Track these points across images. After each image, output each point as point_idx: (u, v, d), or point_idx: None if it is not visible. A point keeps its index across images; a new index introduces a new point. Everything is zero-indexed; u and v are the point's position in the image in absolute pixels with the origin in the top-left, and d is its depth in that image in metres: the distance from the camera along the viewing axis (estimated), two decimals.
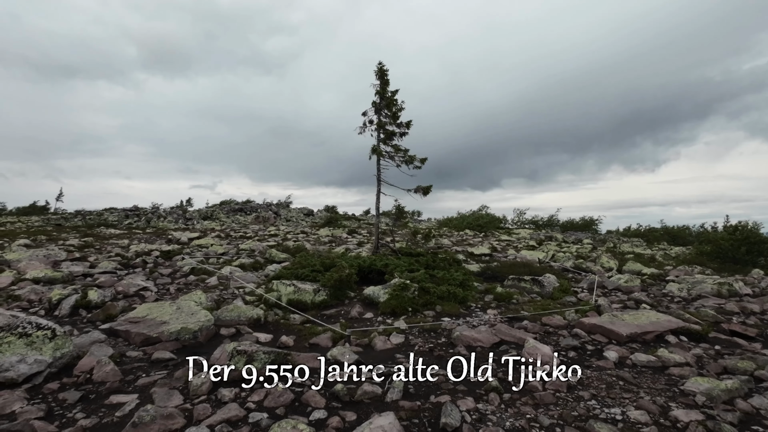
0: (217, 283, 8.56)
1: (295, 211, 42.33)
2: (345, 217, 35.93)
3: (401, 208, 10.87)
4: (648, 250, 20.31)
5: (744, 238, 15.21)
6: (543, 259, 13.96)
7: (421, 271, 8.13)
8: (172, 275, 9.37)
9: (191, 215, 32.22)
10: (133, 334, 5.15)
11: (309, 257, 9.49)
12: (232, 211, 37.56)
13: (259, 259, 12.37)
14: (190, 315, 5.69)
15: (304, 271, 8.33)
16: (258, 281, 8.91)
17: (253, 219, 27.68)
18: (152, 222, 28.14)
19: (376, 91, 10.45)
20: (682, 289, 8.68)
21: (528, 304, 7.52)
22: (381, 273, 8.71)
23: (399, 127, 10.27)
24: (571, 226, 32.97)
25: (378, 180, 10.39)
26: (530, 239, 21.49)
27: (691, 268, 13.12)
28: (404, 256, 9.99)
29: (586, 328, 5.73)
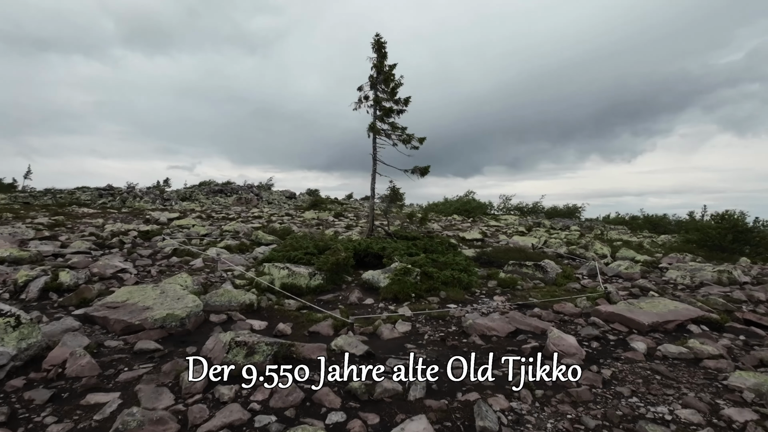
0: (203, 265, 7.97)
1: (276, 194, 41.39)
2: (329, 200, 35.25)
3: (396, 190, 10.39)
4: (634, 237, 20.43)
5: (731, 226, 15.33)
6: (536, 245, 13.75)
7: (422, 255, 7.71)
8: (152, 256, 8.71)
9: (169, 196, 31.01)
10: (111, 321, 4.58)
11: (301, 239, 8.96)
12: (211, 192, 36.41)
13: (245, 241, 11.77)
14: (176, 300, 5.13)
15: (297, 253, 7.81)
16: (247, 264, 8.35)
17: (235, 200, 26.77)
18: (128, 202, 26.94)
19: (372, 65, 9.83)
20: (685, 277, 8.53)
21: (533, 290, 7.20)
22: (378, 257, 8.27)
23: (397, 104, 9.72)
24: (556, 213, 33.13)
25: (374, 159, 9.86)
26: (519, 225, 21.37)
27: (682, 256, 13.11)
28: (400, 240, 9.55)
29: (603, 317, 5.42)
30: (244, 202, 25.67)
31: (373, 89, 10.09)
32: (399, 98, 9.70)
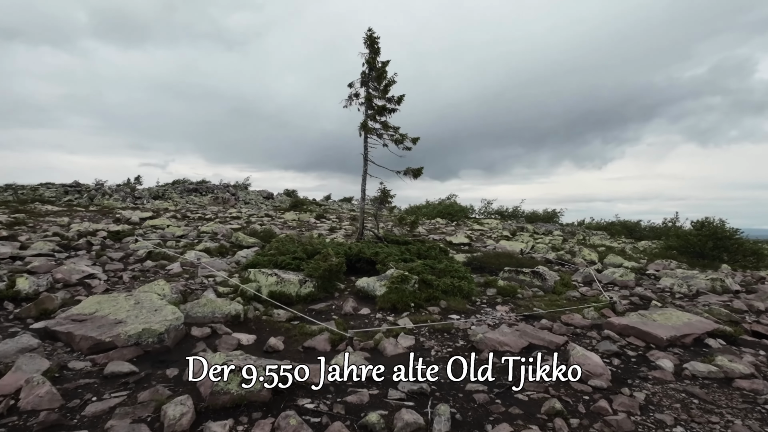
0: (181, 270, 7.32)
1: (253, 194, 40.35)
2: (309, 201, 34.55)
3: (387, 192, 9.96)
4: (615, 243, 20.61)
5: (711, 233, 15.54)
6: (524, 250, 13.56)
7: (418, 261, 7.30)
8: (124, 260, 7.99)
9: (140, 194, 29.67)
10: (77, 337, 3.98)
11: (288, 243, 8.42)
12: (186, 190, 35.10)
13: (225, 243, 11.10)
14: (152, 311, 4.55)
15: (285, 258, 7.27)
16: (230, 269, 7.74)
17: (211, 200, 25.78)
18: (96, 199, 25.58)
19: (364, 61, 9.39)
20: (681, 285, 8.40)
21: (535, 299, 6.90)
22: (370, 262, 7.81)
23: (389, 102, 9.30)
24: (535, 218, 33.38)
25: (365, 159, 9.40)
26: (502, 229, 21.27)
27: (668, 262, 13.15)
28: (392, 244, 9.12)
29: (617, 330, 5.13)
30: (221, 202, 24.75)
31: (364, 86, 9.65)
32: (392, 96, 9.29)
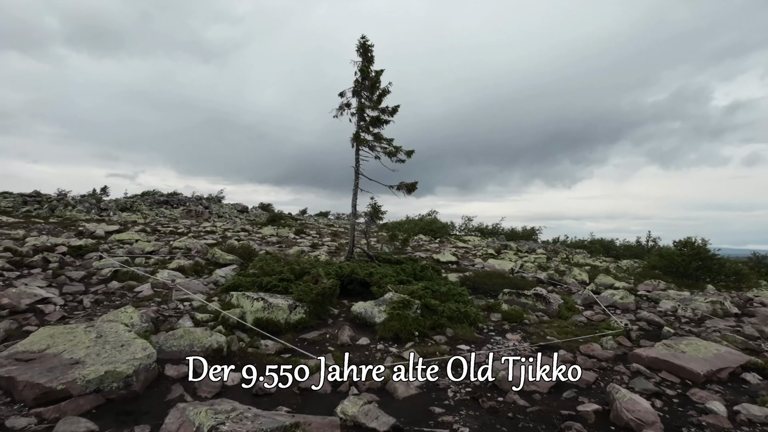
0: (152, 293, 6.49)
1: (227, 207, 39.08)
2: (288, 216, 33.60)
3: (378, 207, 9.40)
4: (597, 261, 20.62)
5: (695, 254, 15.61)
6: (514, 269, 13.19)
7: (419, 284, 6.72)
8: (85, 280, 7.09)
9: (107, 205, 28.09)
10: (20, 384, 3.19)
11: (272, 262, 7.70)
12: (156, 203, 33.57)
13: (200, 260, 10.24)
14: (118, 347, 3.80)
15: (271, 280, 6.57)
16: (207, 291, 6.96)
17: (184, 213, 24.56)
18: (57, 211, 23.97)
19: (358, 69, 8.89)
20: (685, 308, 8.12)
21: (543, 325, 6.41)
22: (364, 284, 7.19)
23: (383, 113, 8.81)
24: (514, 235, 33.42)
25: (356, 172, 8.83)
26: (486, 247, 20.97)
27: (656, 282, 13.02)
28: (384, 264, 8.53)
29: (646, 363, 4.67)
30: (195, 215, 23.59)
31: (356, 96, 9.14)
32: (386, 107, 8.81)
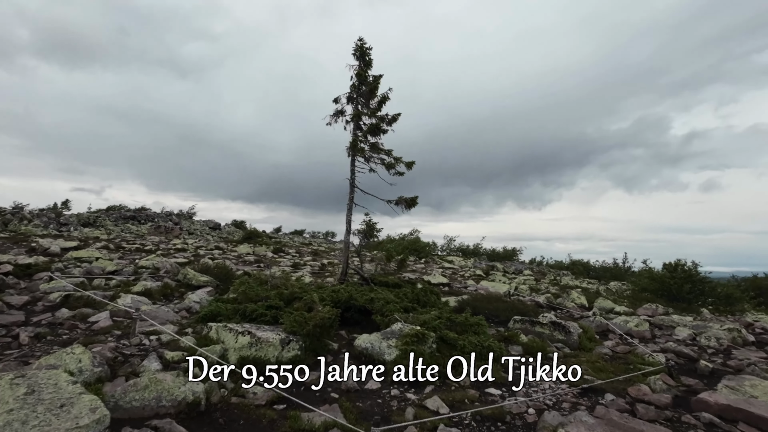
0: (111, 323, 5.36)
1: (199, 224, 37.32)
2: (264, 234, 32.23)
3: (373, 225, 8.54)
4: (584, 283, 20.24)
5: (687, 276, 15.35)
6: (509, 292, 12.48)
7: (431, 311, 5.83)
8: (29, 307, 5.89)
9: (67, 220, 26.11)
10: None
11: (255, 285, 6.67)
12: (122, 218, 31.60)
13: (169, 281, 9.08)
14: (56, 409, 2.76)
15: (257, 308, 5.57)
16: (179, 320, 5.87)
17: (152, 229, 22.95)
18: (11, 225, 21.97)
19: (354, 73, 8.12)
20: (710, 338, 7.51)
21: (570, 359, 5.63)
22: (364, 311, 6.26)
23: (382, 121, 8.03)
24: (495, 256, 33.02)
25: (351, 185, 7.96)
26: (473, 267, 20.30)
27: (654, 306, 12.55)
28: (381, 287, 7.63)
29: (715, 411, 3.92)
30: (164, 232, 22.06)
31: (351, 102, 8.36)
32: (385, 114, 8.05)
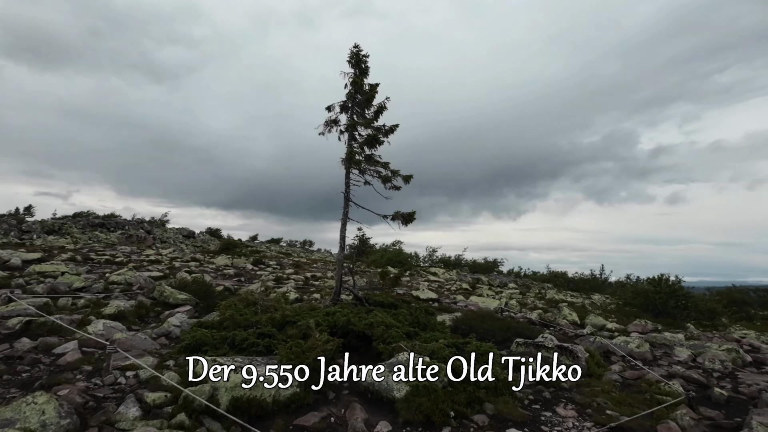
0: (80, 356, 4.72)
1: (172, 232, 35.95)
2: (242, 244, 31.21)
3: (366, 240, 8.10)
4: (567, 296, 20.24)
5: (672, 291, 15.44)
6: (500, 308, 12.20)
7: (439, 338, 5.40)
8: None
9: (30, 227, 24.61)
10: None
11: (242, 308, 6.11)
12: (90, 225, 30.04)
13: (144, 299, 8.38)
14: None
15: (247, 335, 5.03)
16: (158, 350, 5.26)
17: (123, 238, 21.79)
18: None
19: (349, 81, 7.72)
20: (713, 360, 7.34)
21: (585, 389, 5.30)
22: (363, 337, 5.79)
23: (378, 132, 7.64)
24: (477, 267, 32.94)
25: (346, 199, 7.51)
26: (458, 280, 20.02)
27: (644, 323, 12.50)
28: (376, 307, 7.17)
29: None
30: (136, 241, 20.97)
31: (345, 111, 7.95)
32: (383, 125, 7.66)
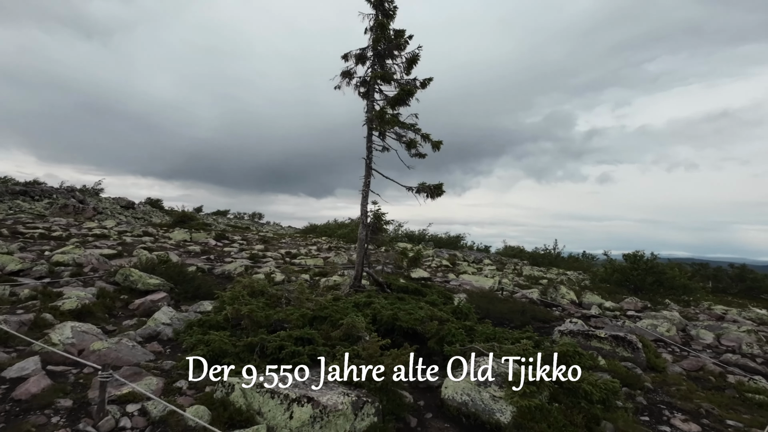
0: (48, 382, 3.25)
1: (108, 202, 32.37)
2: (197, 216, 28.65)
3: (381, 216, 6.94)
4: (536, 271, 20.27)
5: (649, 268, 15.67)
6: (497, 287, 11.60)
7: (525, 339, 4.44)
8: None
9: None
10: None
11: (251, 301, 4.79)
12: (9, 193, 26.18)
13: (105, 285, 6.77)
14: None
15: (280, 340, 3.79)
16: (153, 362, 3.87)
17: (57, 209, 18.87)
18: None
19: (370, 26, 6.34)
20: (751, 345, 7.05)
21: (671, 391, 4.63)
22: (413, 335, 4.73)
23: (407, 89, 6.37)
24: (440, 242, 32.71)
25: (368, 167, 6.26)
26: (435, 257, 19.35)
27: (635, 300, 12.45)
28: (401, 293, 6.12)
29: None
30: (73, 212, 18.25)
31: (361, 62, 6.60)
32: (413, 79, 6.40)
